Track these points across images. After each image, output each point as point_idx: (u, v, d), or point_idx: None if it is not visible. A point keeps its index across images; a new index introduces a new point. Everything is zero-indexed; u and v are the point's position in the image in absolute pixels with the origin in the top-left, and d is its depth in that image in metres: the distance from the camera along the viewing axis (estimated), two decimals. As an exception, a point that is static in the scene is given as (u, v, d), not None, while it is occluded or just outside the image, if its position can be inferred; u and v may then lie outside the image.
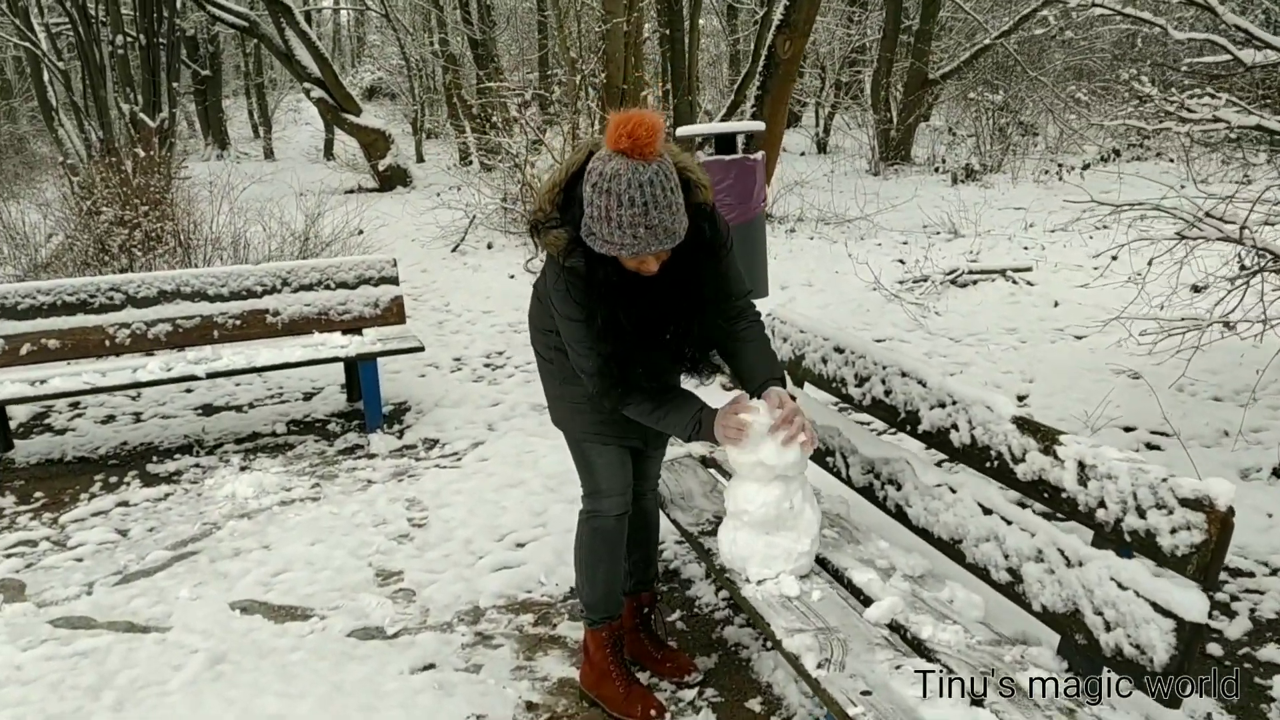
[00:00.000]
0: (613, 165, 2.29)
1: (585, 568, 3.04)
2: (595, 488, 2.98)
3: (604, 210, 2.32)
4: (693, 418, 2.63)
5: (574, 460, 3.02)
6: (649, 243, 2.34)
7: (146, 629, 3.61)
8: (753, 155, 5.45)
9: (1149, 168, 15.05)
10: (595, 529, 3.00)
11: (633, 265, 2.48)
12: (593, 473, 2.97)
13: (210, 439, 5.64)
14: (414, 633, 3.52)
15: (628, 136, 2.26)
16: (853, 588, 2.63)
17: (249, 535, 4.37)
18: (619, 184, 2.28)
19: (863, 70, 20.74)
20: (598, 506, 2.98)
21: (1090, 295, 6.93)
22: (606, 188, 2.30)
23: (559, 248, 2.51)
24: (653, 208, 2.29)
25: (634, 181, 2.27)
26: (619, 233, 2.33)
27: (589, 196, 2.34)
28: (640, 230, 2.31)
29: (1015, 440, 2.43)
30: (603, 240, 2.38)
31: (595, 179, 2.32)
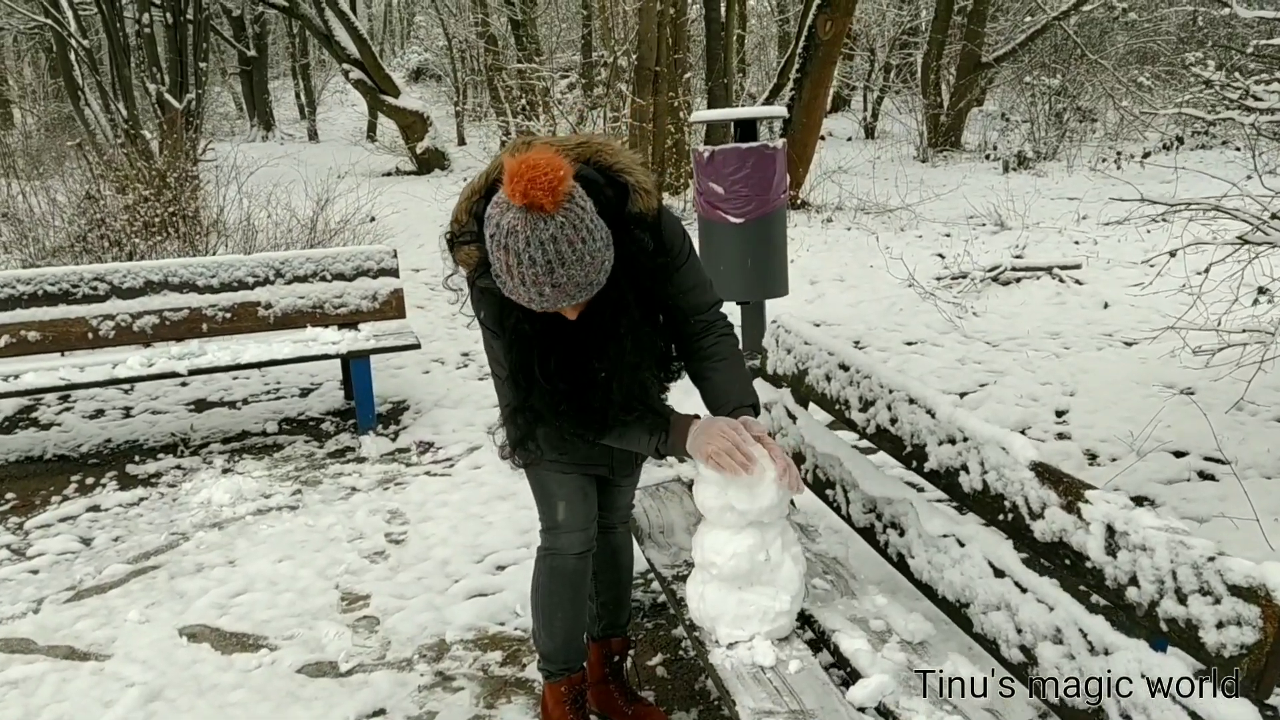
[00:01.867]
0: (509, 219, 1.93)
1: (542, 613, 2.67)
2: (554, 522, 2.61)
3: (504, 265, 1.97)
4: (657, 426, 2.27)
5: (531, 490, 2.65)
6: (557, 300, 2.01)
7: (86, 656, 3.33)
8: (772, 143, 5.04)
9: (1214, 156, 14.35)
10: (554, 569, 2.63)
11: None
12: (551, 505, 2.60)
13: (197, 437, 5.38)
14: (369, 670, 3.19)
15: (522, 194, 1.89)
16: (839, 656, 2.24)
17: (215, 548, 4.08)
18: (516, 242, 1.93)
19: (914, 52, 20.09)
20: (556, 544, 2.60)
21: (1144, 298, 6.42)
22: (505, 244, 1.95)
23: (470, 265, 2.16)
24: (558, 265, 1.94)
25: (533, 240, 1.92)
26: (523, 289, 1.99)
27: (489, 244, 1.99)
28: (545, 289, 1.97)
29: (1033, 491, 2.03)
30: (509, 292, 2.04)
31: (493, 230, 1.97)
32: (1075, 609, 1.89)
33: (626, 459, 2.62)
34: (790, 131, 10.34)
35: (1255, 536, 3.36)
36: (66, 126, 18.78)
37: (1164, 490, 3.82)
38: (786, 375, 3.33)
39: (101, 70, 11.86)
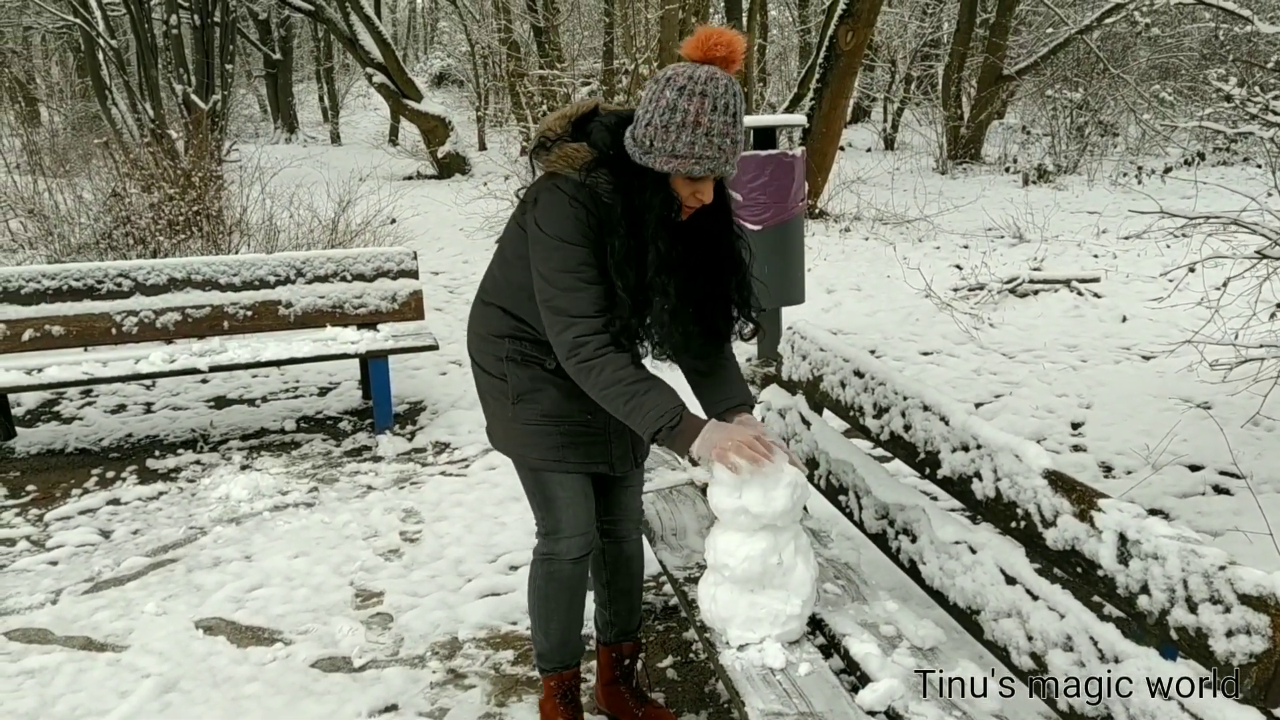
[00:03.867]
0: (705, 70, 2.08)
1: (539, 616, 2.68)
2: (554, 527, 2.58)
3: (693, 115, 2.06)
4: (672, 410, 2.16)
5: (527, 493, 2.61)
6: (729, 158, 2.13)
7: (103, 647, 3.36)
8: (791, 151, 5.05)
9: (1235, 172, 14.28)
10: (551, 574, 2.62)
11: (686, 193, 2.19)
12: (551, 508, 2.57)
13: (217, 434, 5.42)
14: (382, 666, 3.22)
15: (724, 45, 2.07)
16: (849, 660, 2.25)
17: (233, 543, 4.11)
18: (715, 87, 2.07)
19: (934, 64, 20.06)
20: (554, 549, 2.58)
21: (1162, 312, 6.41)
22: (701, 90, 2.06)
23: (579, 161, 2.19)
24: (739, 121, 2.11)
25: (730, 89, 2.08)
26: (705, 141, 2.09)
27: (670, 101, 2.08)
28: (727, 142, 2.10)
29: (1046, 499, 2.03)
30: (672, 154, 2.11)
31: (683, 81, 2.07)
32: (1086, 616, 1.90)
33: (625, 454, 2.59)
34: (809, 141, 10.35)
35: (1269, 551, 3.35)
36: (93, 125, 18.97)
37: (1179, 504, 3.81)
38: (801, 381, 3.35)
39: (129, 70, 11.98)
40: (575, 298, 2.20)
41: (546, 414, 2.45)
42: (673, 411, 2.17)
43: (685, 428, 2.17)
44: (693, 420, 2.19)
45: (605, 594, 2.85)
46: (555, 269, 2.21)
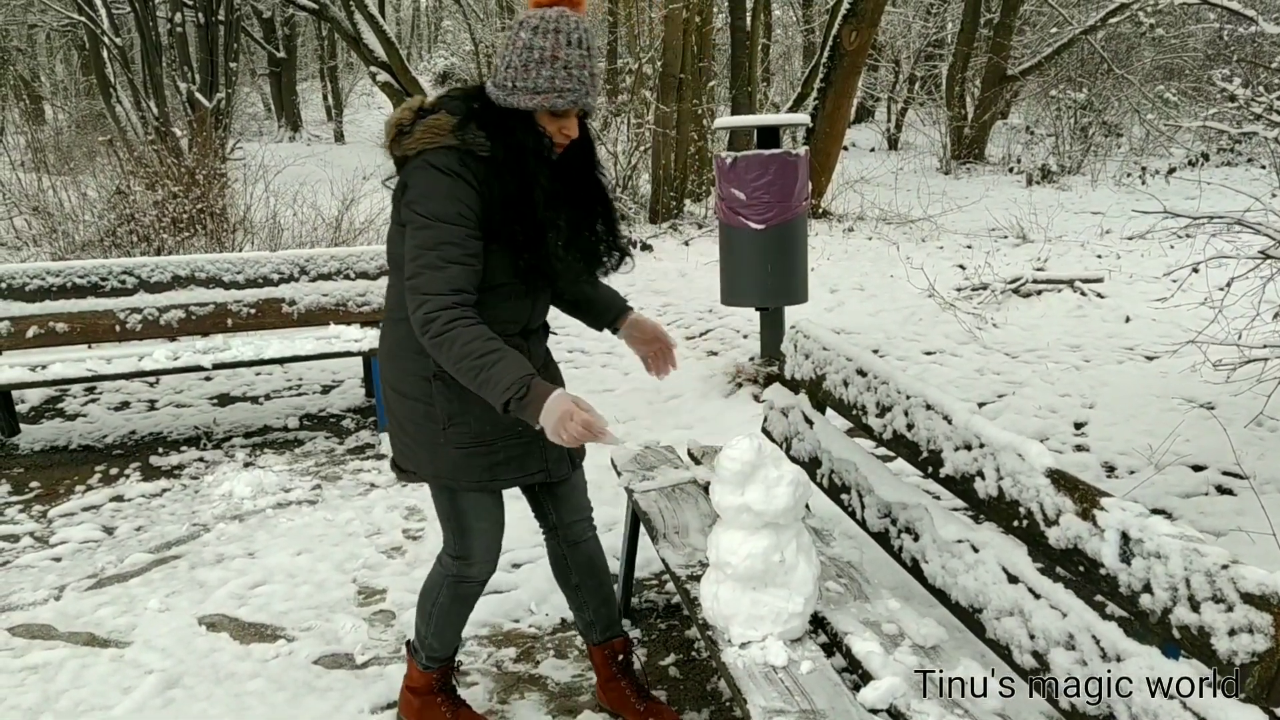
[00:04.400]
0: (555, 10, 2.23)
1: (436, 623, 2.69)
2: (466, 552, 2.57)
3: (549, 51, 2.20)
4: (519, 380, 2.12)
5: (441, 516, 2.57)
6: (589, 90, 2.26)
7: (106, 643, 3.37)
8: (795, 150, 5.05)
9: (1239, 173, 14.28)
10: (458, 594, 2.65)
11: (553, 129, 2.29)
12: (466, 536, 2.55)
13: (220, 431, 5.43)
14: (384, 663, 3.22)
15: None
16: (851, 658, 2.25)
17: (236, 540, 4.12)
18: (566, 24, 2.22)
19: (938, 65, 20.05)
20: (466, 573, 2.60)
21: (1165, 312, 6.41)
22: (554, 27, 2.21)
23: (446, 128, 2.23)
24: (594, 55, 2.24)
25: (580, 25, 2.23)
26: (564, 74, 2.21)
27: (526, 40, 2.22)
28: (585, 74, 2.24)
29: (1049, 498, 2.03)
30: (534, 90, 2.23)
31: (536, 22, 2.22)
32: (1088, 615, 1.89)
33: (560, 457, 2.61)
34: (813, 140, 10.35)
35: (1272, 550, 3.35)
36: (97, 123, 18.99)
37: (1181, 504, 3.81)
38: (804, 380, 3.35)
39: (133, 68, 11.99)
40: (432, 276, 2.20)
41: (479, 436, 2.43)
42: (520, 382, 2.13)
43: (533, 397, 2.12)
44: (540, 389, 2.13)
45: (578, 598, 2.86)
46: (418, 246, 2.21)
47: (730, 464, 2.26)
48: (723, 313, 6.87)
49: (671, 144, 10.56)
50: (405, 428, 2.48)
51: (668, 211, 10.69)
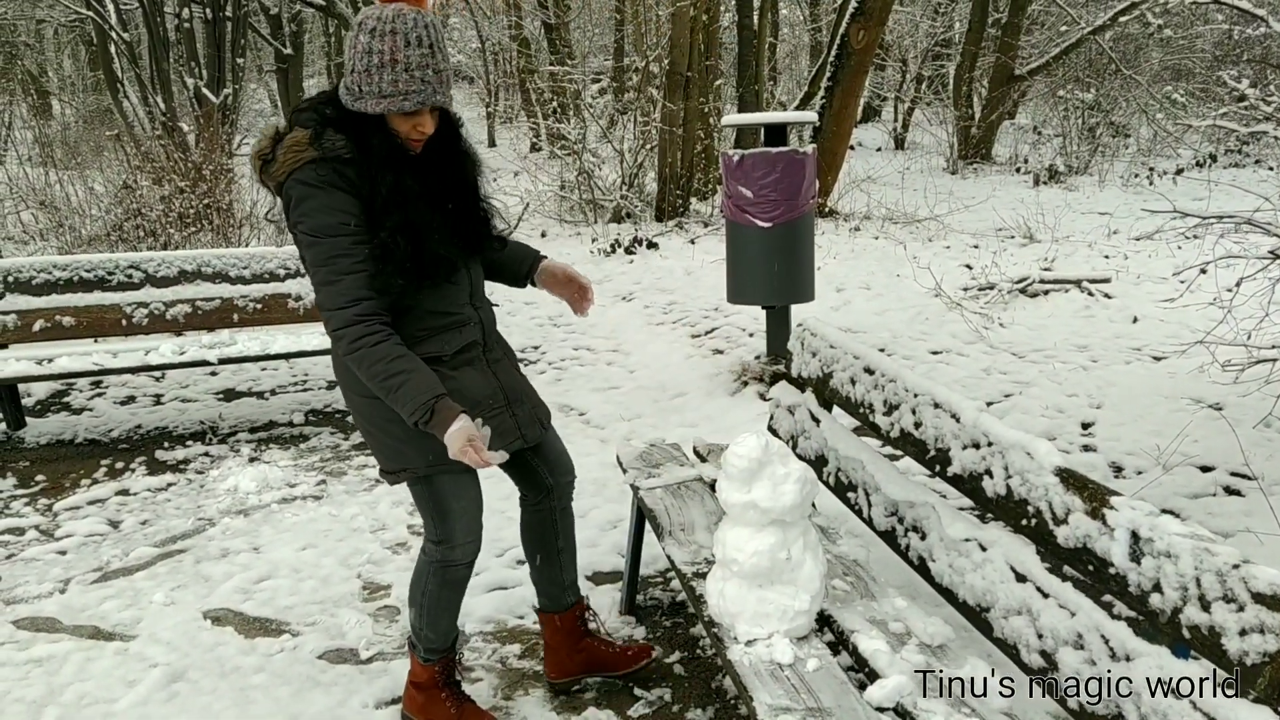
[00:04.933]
0: (392, 8, 2.19)
1: (429, 614, 2.69)
2: (448, 536, 2.58)
3: (388, 54, 2.17)
4: (428, 402, 2.20)
5: (420, 505, 2.59)
6: (436, 88, 2.23)
7: (111, 636, 3.37)
8: (802, 149, 5.04)
9: (1247, 174, 14.22)
10: (446, 580, 2.65)
11: (406, 128, 2.28)
12: (446, 519, 2.56)
13: (225, 426, 5.43)
14: (389, 658, 3.22)
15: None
16: (857, 656, 2.25)
17: (241, 535, 4.12)
18: (404, 24, 2.17)
19: (946, 64, 20.01)
20: (450, 557, 2.61)
21: (1173, 313, 6.38)
22: (390, 29, 2.17)
23: (303, 144, 2.23)
24: (438, 51, 2.21)
25: (419, 22, 2.18)
26: (406, 76, 2.18)
27: (365, 45, 2.18)
28: (429, 73, 2.20)
29: (1058, 497, 2.02)
30: (379, 94, 2.20)
31: (373, 24, 2.18)
32: (1097, 614, 1.88)
33: (530, 418, 2.67)
34: (820, 139, 10.33)
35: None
36: (104, 119, 19.02)
37: (1189, 504, 3.80)
38: (811, 378, 3.34)
39: (140, 64, 12.01)
40: (329, 291, 2.24)
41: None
42: (425, 406, 2.20)
43: (438, 421, 2.21)
44: (445, 414, 2.20)
45: (558, 563, 2.91)
46: (311, 264, 2.26)
47: (737, 461, 2.26)
48: (728, 311, 6.86)
49: (678, 142, 10.55)
50: (388, 428, 2.46)
51: (674, 210, 10.68)
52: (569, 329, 7.06)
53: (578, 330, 6.98)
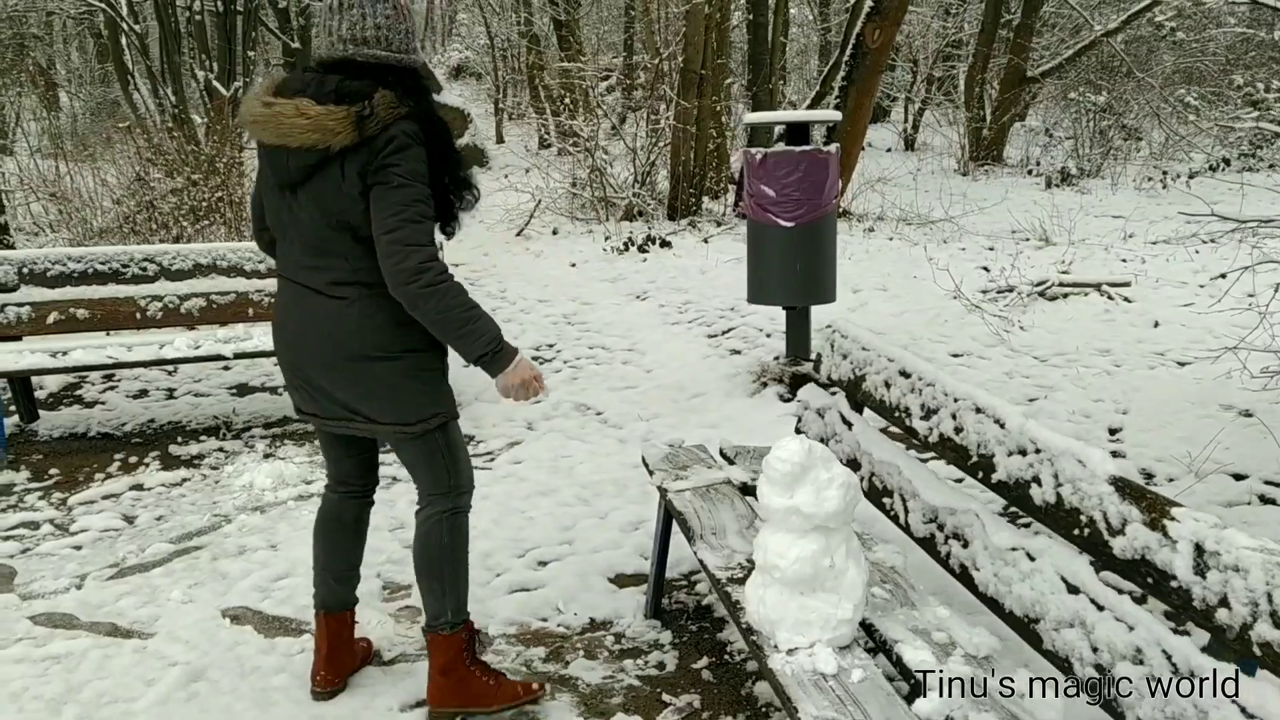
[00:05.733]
0: None
1: (451, 575, 2.78)
2: (460, 481, 2.77)
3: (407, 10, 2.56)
4: (498, 338, 2.51)
5: (433, 456, 2.71)
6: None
7: (129, 633, 3.32)
8: (825, 147, 4.99)
9: (1260, 179, 14.14)
10: (459, 529, 2.79)
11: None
12: (458, 463, 2.76)
13: (240, 421, 5.39)
14: (412, 660, 3.17)
15: None
16: (902, 667, 2.20)
17: (258, 531, 4.07)
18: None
19: (957, 65, 19.94)
20: (461, 504, 2.78)
21: (1195, 318, 6.33)
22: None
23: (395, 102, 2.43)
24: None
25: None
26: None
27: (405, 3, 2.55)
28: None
29: (1113, 506, 1.97)
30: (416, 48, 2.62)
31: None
32: (1158, 628, 1.83)
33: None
34: (834, 138, 10.27)
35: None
36: (112, 111, 18.99)
37: (1224, 513, 3.74)
38: (842, 380, 3.29)
39: (151, 56, 11.96)
40: (417, 229, 2.41)
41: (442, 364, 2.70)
42: (499, 340, 2.51)
43: (505, 353, 2.52)
44: (510, 349, 2.54)
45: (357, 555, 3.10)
46: (401, 204, 2.41)
47: (780, 465, 2.21)
48: (744, 311, 6.81)
49: (691, 140, 10.49)
50: (421, 377, 2.62)
51: (686, 208, 10.63)
52: (584, 327, 7.01)
53: (593, 329, 6.93)
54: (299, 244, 2.60)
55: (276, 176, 2.55)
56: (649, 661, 3.13)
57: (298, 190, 2.52)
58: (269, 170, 2.59)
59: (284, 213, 2.60)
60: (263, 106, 2.47)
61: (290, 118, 2.42)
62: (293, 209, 2.56)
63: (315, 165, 2.45)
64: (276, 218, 2.65)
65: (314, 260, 2.58)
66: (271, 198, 2.62)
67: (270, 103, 2.47)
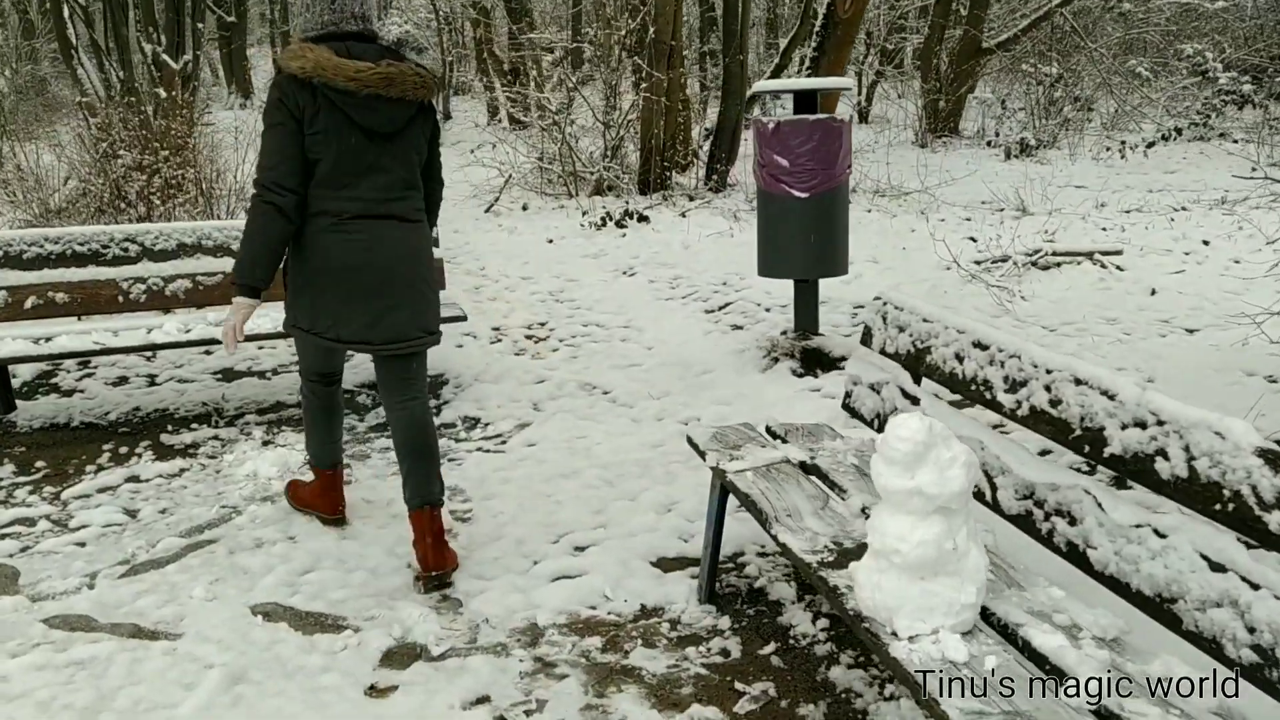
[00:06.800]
0: None
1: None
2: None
3: None
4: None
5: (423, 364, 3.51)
6: None
7: (155, 635, 3.13)
8: (839, 116, 4.88)
9: (1212, 149, 14.38)
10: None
11: None
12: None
13: (231, 407, 5.16)
14: (464, 655, 3.02)
15: None
16: (1032, 652, 2.11)
17: (272, 523, 3.87)
18: None
19: (909, 37, 19.97)
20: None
21: (1189, 283, 6.36)
22: None
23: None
24: None
25: None
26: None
27: None
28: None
29: (1265, 480, 1.89)
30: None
31: None
32: (1333, 607, 1.76)
33: None
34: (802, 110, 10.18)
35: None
36: (40, 89, 18.26)
37: None
38: (900, 354, 3.19)
39: (95, 29, 11.47)
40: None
41: None
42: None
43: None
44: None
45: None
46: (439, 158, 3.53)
47: (900, 445, 2.10)
48: (738, 285, 6.71)
49: (662, 112, 10.33)
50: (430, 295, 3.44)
51: (659, 182, 10.47)
52: (573, 305, 6.85)
53: (584, 306, 6.77)
54: (382, 184, 3.19)
55: (374, 125, 3.12)
56: (712, 649, 3.02)
57: (394, 137, 3.18)
58: (359, 122, 3.09)
59: (367, 157, 3.14)
60: (385, 68, 3.08)
61: (410, 76, 3.14)
62: (387, 152, 3.18)
63: (413, 116, 3.22)
64: (356, 163, 3.13)
65: (402, 193, 3.25)
66: (347, 147, 3.10)
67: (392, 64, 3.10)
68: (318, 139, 3.06)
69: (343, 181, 3.12)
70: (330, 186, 3.12)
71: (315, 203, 3.15)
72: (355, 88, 3.02)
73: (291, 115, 3.04)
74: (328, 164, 3.09)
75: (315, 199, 3.14)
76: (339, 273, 3.17)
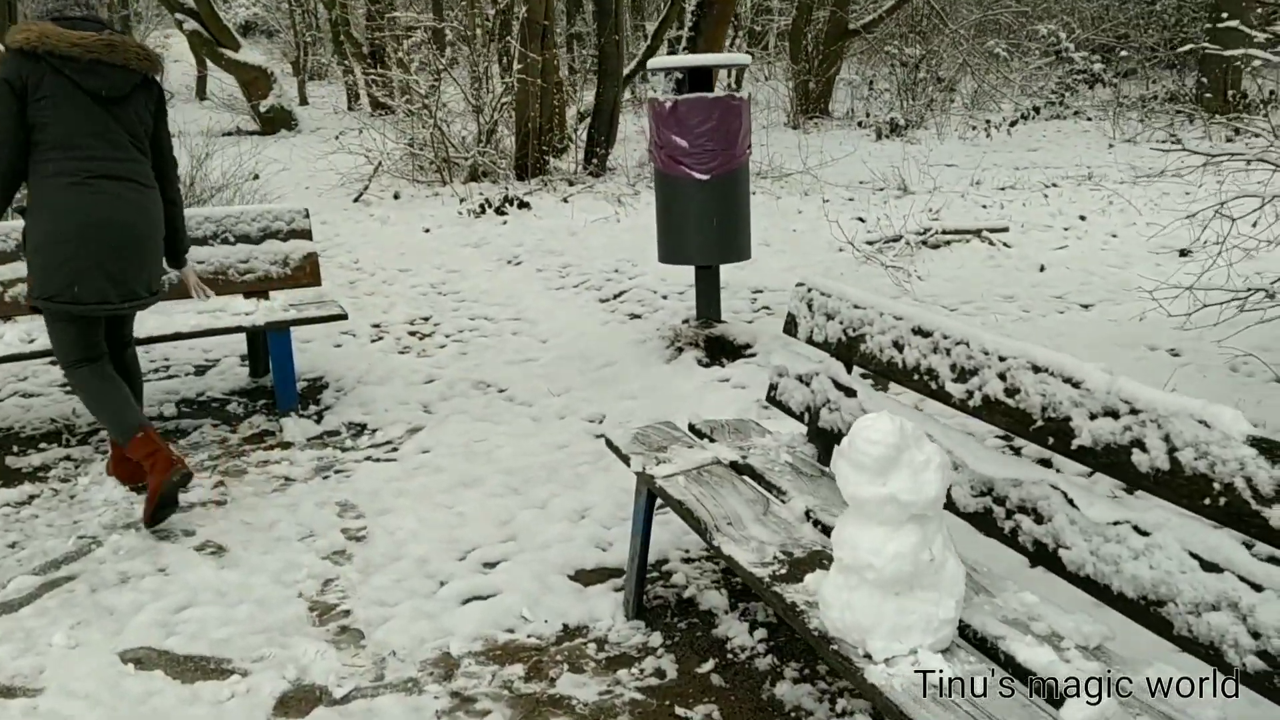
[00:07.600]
0: None
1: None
2: None
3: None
4: None
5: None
6: None
7: (11, 691, 2.73)
8: (738, 94, 4.69)
9: (1069, 125, 14.85)
10: None
11: None
12: None
13: (83, 423, 4.67)
14: (370, 695, 2.71)
15: None
16: (1015, 667, 1.94)
17: (138, 554, 3.47)
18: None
19: (774, 19, 20.06)
20: None
21: (1074, 259, 6.43)
22: None
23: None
24: None
25: None
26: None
27: None
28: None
29: (1261, 471, 1.76)
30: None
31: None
32: (1351, 609, 1.63)
33: None
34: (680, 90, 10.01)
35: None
36: None
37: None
38: (830, 343, 3.02)
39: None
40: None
41: None
42: None
43: None
44: None
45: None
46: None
47: (870, 448, 1.90)
48: (631, 272, 6.48)
49: (538, 95, 10.01)
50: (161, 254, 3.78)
51: (537, 167, 10.15)
52: (458, 297, 6.51)
53: (469, 298, 6.43)
54: (115, 145, 3.45)
55: (99, 89, 3.37)
56: (645, 670, 2.79)
57: (120, 102, 3.45)
58: (84, 86, 3.34)
59: (98, 120, 3.40)
60: (109, 36, 3.40)
61: (134, 47, 3.47)
62: (115, 117, 3.45)
63: (137, 85, 3.50)
64: (89, 125, 3.37)
65: (133, 156, 3.51)
66: (76, 110, 3.35)
67: (113, 34, 3.42)
68: (45, 104, 3.30)
69: (76, 142, 3.36)
70: (64, 148, 3.35)
71: (52, 165, 3.34)
72: (79, 53, 3.30)
73: (12, 91, 3.28)
74: (60, 127, 3.33)
75: (52, 160, 3.34)
76: (82, 229, 3.37)
